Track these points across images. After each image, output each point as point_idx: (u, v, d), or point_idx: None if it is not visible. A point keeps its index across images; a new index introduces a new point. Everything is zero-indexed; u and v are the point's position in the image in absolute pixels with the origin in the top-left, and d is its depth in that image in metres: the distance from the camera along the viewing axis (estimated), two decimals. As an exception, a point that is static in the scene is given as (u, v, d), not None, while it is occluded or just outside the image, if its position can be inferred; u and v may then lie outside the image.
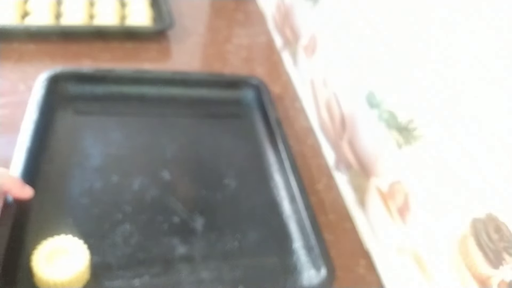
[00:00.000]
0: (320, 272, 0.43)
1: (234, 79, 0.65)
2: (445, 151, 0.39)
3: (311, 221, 0.47)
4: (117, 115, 0.56)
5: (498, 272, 0.33)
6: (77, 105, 0.55)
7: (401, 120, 0.44)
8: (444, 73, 0.39)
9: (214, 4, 0.88)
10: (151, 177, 0.49)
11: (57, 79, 0.55)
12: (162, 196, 0.48)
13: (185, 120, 0.58)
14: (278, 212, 0.50)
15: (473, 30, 0.35)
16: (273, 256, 0.46)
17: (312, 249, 0.45)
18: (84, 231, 0.41)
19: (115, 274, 0.40)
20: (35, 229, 0.41)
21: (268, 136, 0.58)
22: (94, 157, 0.50)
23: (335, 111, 0.58)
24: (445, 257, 0.39)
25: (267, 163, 0.55)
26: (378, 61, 0.48)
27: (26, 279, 0.38)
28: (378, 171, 0.49)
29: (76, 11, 0.70)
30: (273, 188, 0.52)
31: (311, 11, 0.65)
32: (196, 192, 0.49)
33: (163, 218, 0.46)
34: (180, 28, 0.76)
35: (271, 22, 0.83)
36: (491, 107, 0.34)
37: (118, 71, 0.59)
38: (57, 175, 0.47)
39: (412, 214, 0.43)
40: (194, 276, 0.42)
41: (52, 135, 0.51)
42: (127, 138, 0.53)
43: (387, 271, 0.47)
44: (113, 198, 0.46)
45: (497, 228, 0.33)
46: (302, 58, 0.68)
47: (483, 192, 0.34)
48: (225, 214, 0.48)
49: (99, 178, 0.47)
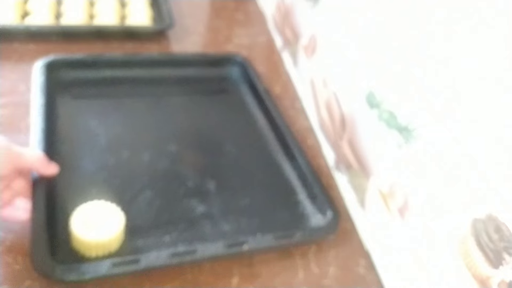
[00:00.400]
0: (326, 215, 0.49)
1: (219, 57, 0.69)
2: (445, 151, 0.39)
3: (312, 174, 0.52)
4: (113, 98, 0.59)
5: (498, 272, 0.34)
6: (74, 90, 0.58)
7: (401, 120, 0.44)
8: (444, 73, 0.39)
9: (214, 4, 0.88)
10: (159, 151, 0.54)
11: (52, 66, 0.57)
12: (172, 166, 0.52)
13: (177, 98, 0.62)
14: (279, 171, 0.55)
15: (473, 30, 0.35)
16: (282, 209, 0.51)
17: (316, 198, 0.51)
18: (109, 200, 0.44)
19: (146, 233, 0.45)
20: (65, 200, 0.45)
21: (258, 105, 0.63)
22: (100, 137, 0.53)
23: (335, 111, 0.58)
24: (445, 257, 0.39)
25: (261, 128, 0.60)
26: (378, 61, 0.48)
27: (65, 243, 0.41)
28: (378, 171, 0.49)
29: (76, 11, 0.70)
30: (271, 150, 0.58)
31: (311, 11, 0.65)
32: (202, 160, 0.54)
33: (178, 184, 0.50)
34: (180, 28, 0.76)
35: (271, 22, 0.83)
36: (490, 107, 0.34)
37: (108, 55, 0.62)
38: (71, 154, 0.50)
39: (412, 214, 0.43)
40: (216, 229, 0.47)
41: (57, 118, 0.54)
42: (126, 118, 0.57)
43: (387, 271, 0.47)
44: (129, 170, 0.50)
45: (497, 228, 0.33)
46: (302, 58, 0.68)
47: (483, 192, 0.35)
48: (233, 176, 0.53)
49: (111, 155, 0.51)
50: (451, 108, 0.38)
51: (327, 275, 0.46)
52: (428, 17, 0.40)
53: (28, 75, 0.59)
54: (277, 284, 0.44)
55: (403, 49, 0.44)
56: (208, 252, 0.43)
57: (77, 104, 0.57)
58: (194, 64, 0.66)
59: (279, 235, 0.46)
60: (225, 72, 0.68)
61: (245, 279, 0.44)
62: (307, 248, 0.48)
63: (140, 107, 0.59)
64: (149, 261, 0.40)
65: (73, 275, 0.38)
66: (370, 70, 0.50)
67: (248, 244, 0.44)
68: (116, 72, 0.61)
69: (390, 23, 0.46)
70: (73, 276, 0.38)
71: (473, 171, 0.35)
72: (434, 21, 0.39)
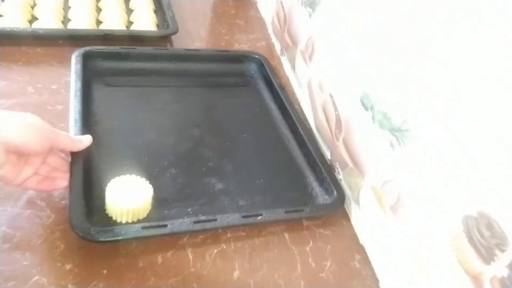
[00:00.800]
0: (332, 196, 0.54)
1: (239, 55, 0.75)
2: (437, 150, 0.39)
3: (320, 159, 0.57)
4: (142, 87, 0.65)
5: (490, 268, 0.34)
6: (107, 79, 0.64)
7: (394, 121, 0.45)
8: (444, 73, 0.39)
9: (216, 10, 0.89)
10: (183, 134, 0.59)
11: (88, 56, 0.63)
12: (195, 148, 0.58)
13: (200, 89, 0.68)
14: (290, 156, 0.60)
15: (473, 30, 0.36)
16: (292, 189, 0.56)
17: (323, 180, 0.56)
18: (139, 175, 0.48)
19: (171, 205, 0.49)
20: (100, 173, 0.50)
21: (272, 98, 0.69)
22: (130, 121, 0.59)
23: (331, 112, 0.59)
24: (437, 252, 0.40)
25: (275, 118, 0.66)
26: (373, 64, 0.49)
27: (100, 211, 0.46)
28: (372, 170, 0.50)
29: (83, 17, 0.72)
30: (283, 137, 0.63)
31: (309, 18, 0.66)
32: (222, 144, 0.59)
33: (200, 164, 0.55)
34: (183, 33, 0.78)
35: (270, 27, 0.85)
36: (491, 107, 0.34)
37: (140, 49, 0.68)
38: (104, 134, 0.55)
39: (405, 211, 0.44)
40: (233, 204, 0.52)
41: (92, 102, 0.59)
42: (154, 105, 0.62)
43: (381, 266, 0.49)
44: (155, 150, 0.56)
45: (489, 225, 0.34)
46: (300, 62, 0.70)
47: (475, 190, 0.35)
48: (248, 159, 0.58)
49: (139, 137, 0.56)
50: (443, 109, 0.38)
51: (324, 269, 0.48)
52: (424, 20, 0.41)
53: (35, 78, 0.60)
54: (277, 278, 0.46)
55: (397, 52, 0.45)
56: (227, 221, 0.47)
57: (110, 91, 0.62)
58: (216, 60, 0.71)
59: (289, 209, 0.51)
60: (243, 68, 0.74)
61: (245, 273, 0.46)
62: (305, 244, 0.50)
63: (166, 96, 0.65)
64: (175, 226, 0.45)
65: (107, 235, 0.42)
66: (367, 71, 0.51)
67: (263, 216, 0.48)
68: (146, 65, 0.67)
69: (390, 23, 0.46)
70: (107, 236, 0.42)
71: (465, 169, 0.36)
72: (434, 21, 0.40)
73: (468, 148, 0.36)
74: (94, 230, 0.42)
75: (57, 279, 0.41)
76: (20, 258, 0.42)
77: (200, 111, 0.64)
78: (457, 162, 0.37)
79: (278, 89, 0.68)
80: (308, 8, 0.67)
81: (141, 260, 0.44)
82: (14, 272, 0.40)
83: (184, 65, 0.69)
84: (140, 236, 0.43)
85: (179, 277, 0.44)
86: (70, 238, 0.44)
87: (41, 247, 0.43)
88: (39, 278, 0.41)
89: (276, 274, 0.46)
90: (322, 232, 0.52)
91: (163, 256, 0.45)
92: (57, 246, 0.44)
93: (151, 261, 0.45)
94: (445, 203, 0.39)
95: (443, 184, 0.39)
